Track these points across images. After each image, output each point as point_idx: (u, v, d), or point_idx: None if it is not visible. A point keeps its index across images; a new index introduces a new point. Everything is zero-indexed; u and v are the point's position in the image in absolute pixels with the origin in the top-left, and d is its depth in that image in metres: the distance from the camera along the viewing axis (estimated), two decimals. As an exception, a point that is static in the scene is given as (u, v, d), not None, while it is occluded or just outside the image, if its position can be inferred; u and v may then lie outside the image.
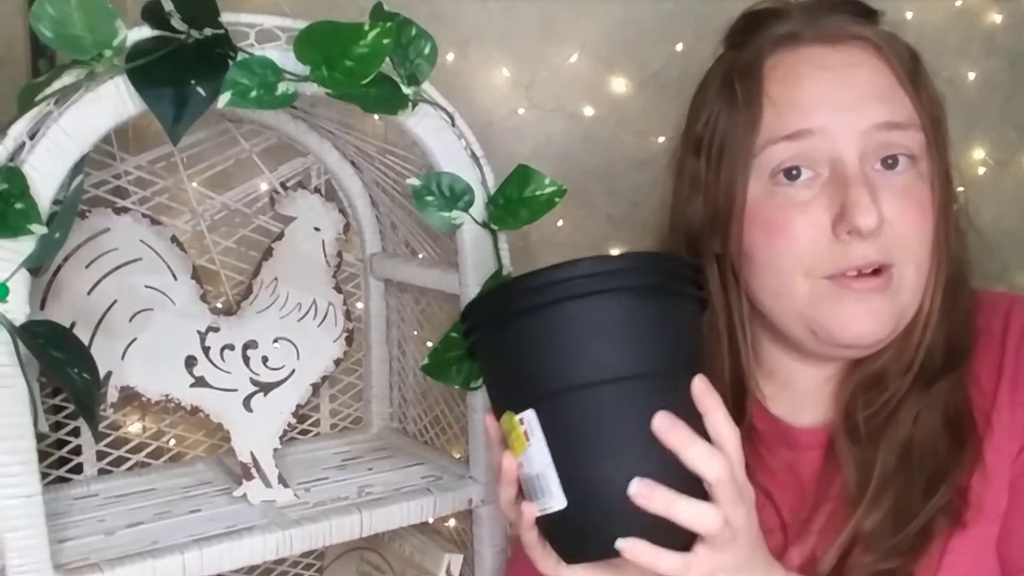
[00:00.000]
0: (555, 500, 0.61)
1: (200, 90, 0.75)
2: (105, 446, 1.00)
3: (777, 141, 0.70)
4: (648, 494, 0.58)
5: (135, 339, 0.93)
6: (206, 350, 0.96)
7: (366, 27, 0.77)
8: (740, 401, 0.77)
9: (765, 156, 0.71)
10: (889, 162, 0.70)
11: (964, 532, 0.69)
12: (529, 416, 0.62)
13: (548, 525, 0.63)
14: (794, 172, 0.70)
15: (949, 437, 0.71)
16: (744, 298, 0.75)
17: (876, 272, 0.70)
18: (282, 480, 0.94)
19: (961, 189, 0.78)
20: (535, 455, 0.62)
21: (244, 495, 0.93)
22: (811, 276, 0.70)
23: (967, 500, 0.69)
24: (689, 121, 0.79)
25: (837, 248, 0.69)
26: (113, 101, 0.73)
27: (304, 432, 1.13)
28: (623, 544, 0.59)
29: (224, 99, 0.75)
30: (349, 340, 1.06)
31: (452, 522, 1.08)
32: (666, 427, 0.59)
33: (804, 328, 0.72)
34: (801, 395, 0.77)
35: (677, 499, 0.58)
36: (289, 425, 1.00)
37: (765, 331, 0.77)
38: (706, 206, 0.75)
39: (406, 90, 0.84)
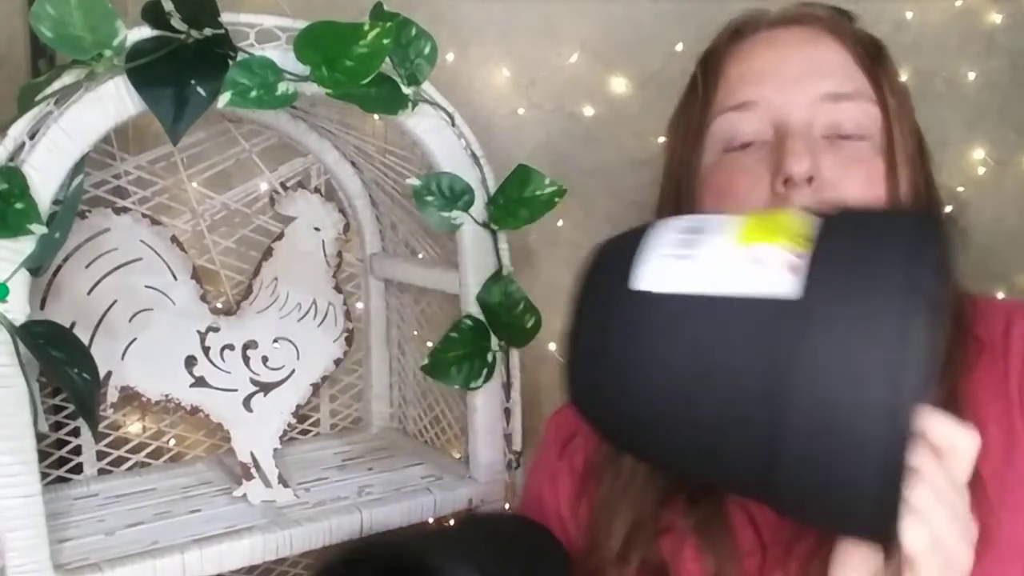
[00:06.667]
0: None
1: (200, 90, 0.75)
2: (105, 446, 1.01)
3: (725, 111, 0.72)
4: None
5: (135, 339, 0.93)
6: (206, 350, 0.96)
7: (366, 27, 0.77)
8: None
9: (715, 127, 0.73)
10: (843, 133, 0.70)
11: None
12: None
13: None
14: (745, 144, 0.72)
15: None
16: None
17: None
18: (282, 480, 0.94)
19: (961, 189, 0.77)
20: None
21: (244, 495, 0.93)
22: None
23: None
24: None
25: (776, 203, 0.68)
26: (113, 101, 0.73)
27: (304, 432, 1.13)
28: None
29: (224, 99, 0.75)
30: (349, 340, 1.06)
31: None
32: None
33: None
34: None
35: None
36: (289, 425, 1.00)
37: None
38: (670, 180, 0.77)
39: (406, 90, 0.84)
